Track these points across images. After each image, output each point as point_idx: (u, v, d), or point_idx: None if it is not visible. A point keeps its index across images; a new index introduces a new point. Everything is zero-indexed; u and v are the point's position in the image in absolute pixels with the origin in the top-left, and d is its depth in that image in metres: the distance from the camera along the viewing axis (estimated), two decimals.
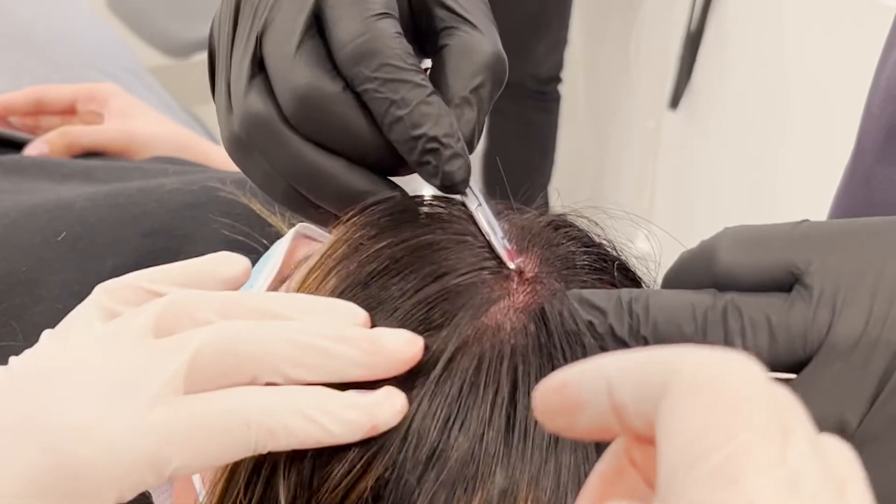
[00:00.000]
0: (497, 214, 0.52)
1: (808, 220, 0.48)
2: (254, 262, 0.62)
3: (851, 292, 0.44)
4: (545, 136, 2.54)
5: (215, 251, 0.69)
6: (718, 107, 2.27)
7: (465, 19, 0.53)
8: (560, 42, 2.45)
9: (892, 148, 0.72)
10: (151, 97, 1.12)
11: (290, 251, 0.57)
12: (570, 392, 0.32)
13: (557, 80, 2.49)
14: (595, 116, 2.71)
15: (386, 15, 0.50)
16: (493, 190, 1.98)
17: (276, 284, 0.55)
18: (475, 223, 0.50)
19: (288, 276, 0.55)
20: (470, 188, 0.51)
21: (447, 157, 0.50)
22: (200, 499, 0.48)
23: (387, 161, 0.52)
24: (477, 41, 0.52)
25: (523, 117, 2.51)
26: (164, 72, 2.14)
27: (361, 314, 0.45)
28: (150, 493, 0.58)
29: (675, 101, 2.33)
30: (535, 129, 2.52)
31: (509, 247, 0.49)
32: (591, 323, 0.46)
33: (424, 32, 0.54)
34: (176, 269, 0.46)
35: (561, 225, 0.53)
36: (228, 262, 0.48)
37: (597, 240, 0.53)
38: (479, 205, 0.51)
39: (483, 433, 0.44)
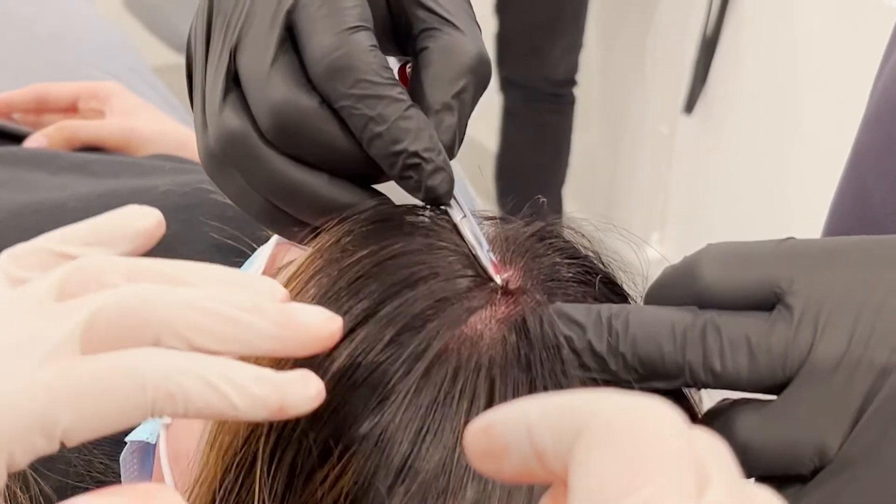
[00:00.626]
0: (482, 223, 0.51)
1: (793, 238, 0.47)
2: (241, 267, 0.62)
3: (834, 313, 0.44)
4: (559, 139, 2.53)
5: (203, 254, 0.68)
6: (733, 112, 2.25)
7: (446, 20, 0.52)
8: (575, 45, 2.44)
9: (887, 163, 0.70)
10: (155, 97, 1.12)
11: (273, 256, 0.57)
12: (496, 435, 0.31)
13: (572, 83, 2.48)
14: (609, 120, 2.70)
15: (360, 28, 0.49)
16: (506, 192, 1.98)
17: None
18: (460, 233, 0.50)
19: None
20: (455, 198, 0.50)
21: (429, 172, 0.49)
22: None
23: (368, 172, 0.51)
24: (458, 43, 0.51)
25: (537, 120, 2.50)
26: (180, 70, 2.14)
27: (281, 291, 0.42)
28: None
29: (689, 106, 2.32)
30: (549, 132, 2.52)
31: (493, 258, 0.49)
32: (569, 338, 0.46)
33: (405, 34, 0.53)
34: (85, 227, 0.43)
35: (546, 236, 0.52)
36: (140, 215, 0.45)
37: (583, 252, 0.52)
38: (464, 216, 0.50)
39: (456, 445, 0.43)
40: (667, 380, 0.45)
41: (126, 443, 0.56)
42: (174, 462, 0.51)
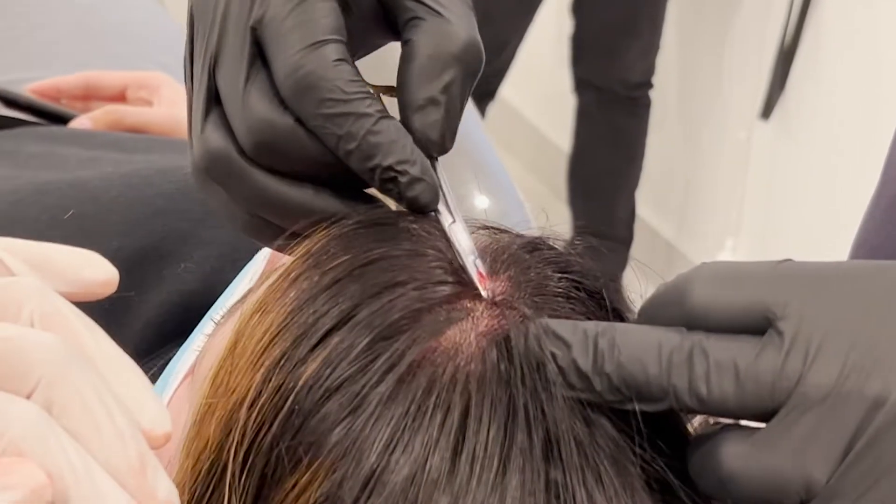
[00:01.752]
0: (475, 231, 0.50)
1: (790, 260, 0.45)
2: (241, 272, 0.61)
3: (827, 341, 0.42)
4: (633, 142, 2.50)
5: (223, 237, 0.67)
6: (811, 118, 2.22)
7: (430, 7, 0.50)
8: (651, 47, 2.41)
9: None
10: None
11: (272, 260, 0.56)
12: None
13: (648, 85, 2.46)
14: (686, 124, 2.67)
15: (325, 42, 0.48)
16: (578, 194, 1.97)
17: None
18: (439, 236, 0.49)
19: None
20: (446, 204, 0.49)
21: (406, 184, 0.48)
22: None
23: (354, 180, 0.50)
24: (442, 32, 0.49)
25: (611, 122, 2.48)
26: None
27: (161, 430, 0.39)
28: None
29: (766, 112, 2.28)
30: (623, 135, 2.49)
31: (481, 267, 0.47)
32: (553, 355, 0.44)
33: (395, 23, 0.52)
34: (37, 249, 0.42)
35: (539, 248, 0.50)
36: (96, 266, 0.43)
37: (576, 266, 0.50)
38: (453, 221, 0.49)
39: (427, 458, 0.42)
40: (651, 402, 0.44)
41: None
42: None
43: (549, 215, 0.54)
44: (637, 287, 0.53)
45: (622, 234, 2.54)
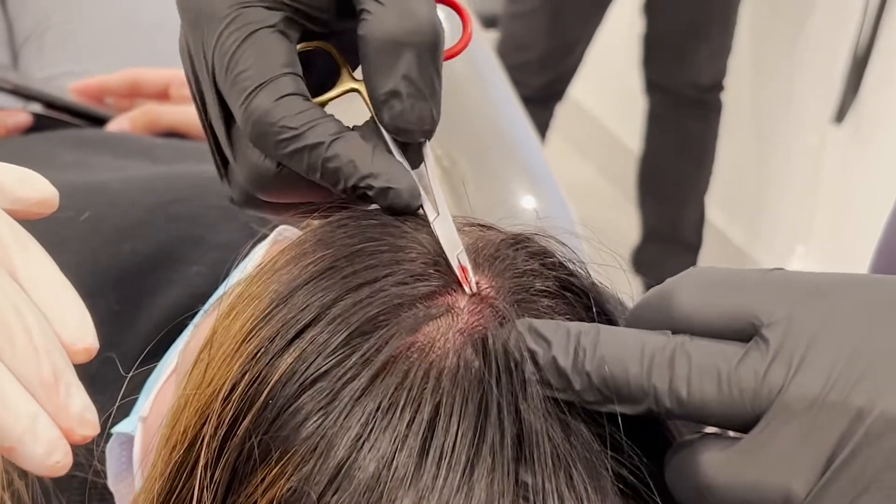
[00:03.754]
0: (460, 228, 0.49)
1: (780, 269, 0.44)
2: (239, 265, 0.61)
3: (812, 350, 0.41)
4: (703, 146, 2.47)
5: (238, 242, 0.68)
6: (885, 123, 2.17)
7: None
8: (723, 50, 2.38)
9: None
10: None
11: (269, 254, 0.56)
12: None
13: (719, 88, 2.42)
14: (757, 127, 2.63)
15: (262, 86, 0.49)
16: (647, 196, 1.94)
17: None
18: (423, 230, 0.48)
19: None
20: (431, 197, 0.49)
21: (378, 195, 0.49)
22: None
23: None
24: (384, 20, 0.48)
25: (682, 125, 2.45)
26: None
27: (84, 343, 0.42)
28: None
29: (840, 116, 2.24)
30: (693, 138, 2.46)
31: (465, 262, 0.47)
32: (533, 352, 0.44)
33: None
34: None
35: (525, 245, 0.50)
36: (36, 184, 0.45)
37: (570, 266, 0.49)
38: (437, 216, 0.48)
39: (394, 456, 0.42)
40: (630, 403, 0.43)
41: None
42: (144, 456, 0.50)
43: (617, 217, 0.53)
44: (629, 289, 0.52)
45: (691, 239, 2.52)
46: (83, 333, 0.41)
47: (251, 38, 0.49)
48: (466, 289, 0.46)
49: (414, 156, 0.50)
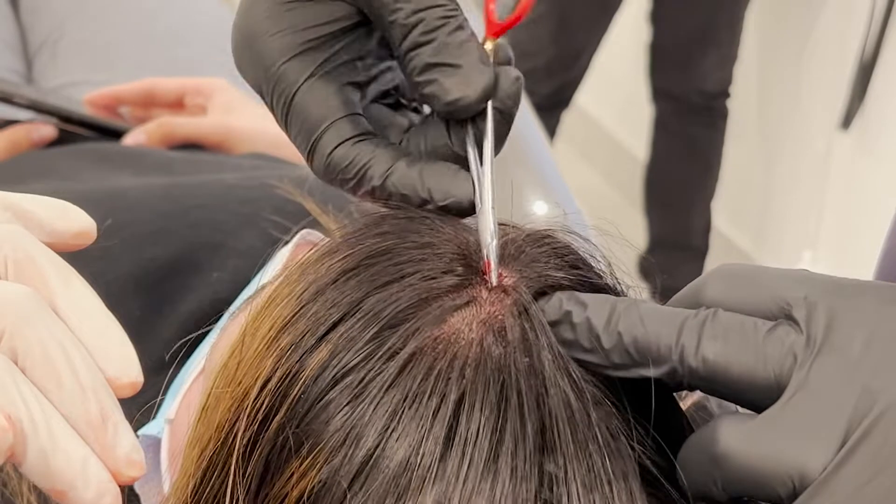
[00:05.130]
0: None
1: (807, 270, 0.46)
2: (261, 269, 0.62)
3: (838, 334, 0.42)
4: (710, 153, 2.48)
5: (258, 248, 0.69)
6: (891, 129, 2.17)
7: (440, 64, 0.50)
8: (729, 57, 2.38)
9: None
10: None
11: (293, 258, 0.57)
12: None
13: (726, 95, 2.43)
14: (764, 134, 2.63)
15: (319, 137, 0.52)
16: (654, 203, 1.93)
17: None
18: (448, 228, 0.49)
19: None
20: (480, 187, 0.50)
21: (439, 210, 0.50)
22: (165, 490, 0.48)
23: None
24: (456, 89, 0.50)
25: (688, 132, 2.46)
26: None
27: (130, 378, 0.41)
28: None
29: (846, 122, 2.24)
30: (699, 145, 2.47)
31: (493, 257, 0.48)
32: (568, 312, 0.46)
33: None
34: (19, 199, 0.43)
35: (548, 242, 0.50)
36: (73, 216, 0.45)
37: (591, 263, 0.50)
38: (481, 206, 0.49)
39: (420, 444, 0.43)
40: (656, 364, 0.44)
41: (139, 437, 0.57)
42: (173, 458, 0.51)
43: (623, 224, 0.54)
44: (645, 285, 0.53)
45: (698, 245, 2.52)
46: (128, 368, 0.41)
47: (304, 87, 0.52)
48: (494, 279, 0.47)
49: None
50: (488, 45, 0.52)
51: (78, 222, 0.44)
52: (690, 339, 0.43)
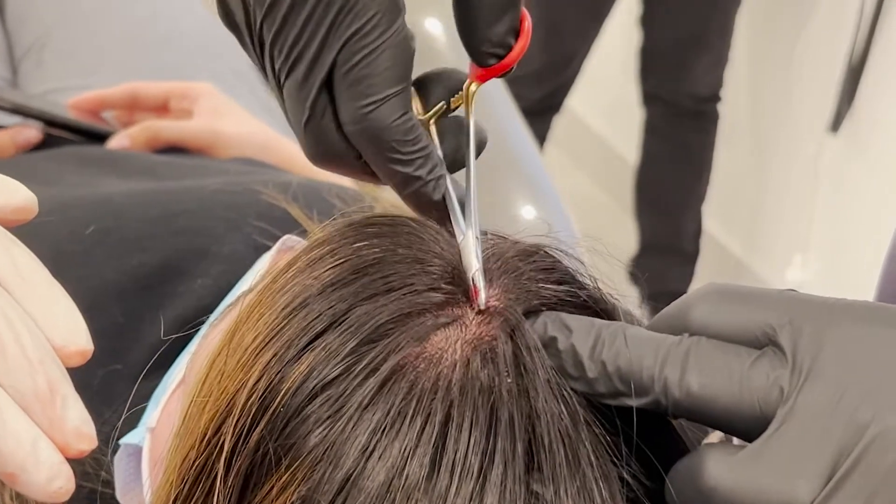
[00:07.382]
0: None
1: (793, 290, 0.45)
2: (244, 276, 0.61)
3: (824, 362, 0.42)
4: (701, 157, 2.47)
5: (242, 254, 0.68)
6: (880, 132, 2.18)
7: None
8: (720, 61, 2.38)
9: None
10: (253, 100, 1.13)
11: (274, 263, 0.56)
12: None
13: (716, 99, 2.43)
14: (754, 138, 2.63)
15: (386, 99, 0.47)
16: (645, 207, 1.93)
17: None
18: (440, 241, 0.49)
19: None
20: (462, 214, 0.49)
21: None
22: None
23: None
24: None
25: (679, 136, 2.45)
26: None
27: (75, 349, 0.40)
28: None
29: (835, 125, 2.24)
30: (690, 149, 2.46)
31: (480, 284, 0.47)
32: (553, 338, 0.45)
33: None
34: None
35: (535, 256, 0.50)
36: (15, 191, 0.43)
37: (579, 279, 0.50)
38: (464, 236, 0.48)
39: (405, 465, 0.42)
40: (639, 395, 0.43)
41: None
42: (154, 466, 0.50)
43: (614, 228, 0.54)
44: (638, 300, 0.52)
45: (688, 249, 2.52)
46: (75, 336, 0.39)
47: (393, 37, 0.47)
48: (482, 301, 0.46)
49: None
50: (473, 88, 0.51)
51: (17, 197, 0.43)
52: (673, 371, 0.43)
